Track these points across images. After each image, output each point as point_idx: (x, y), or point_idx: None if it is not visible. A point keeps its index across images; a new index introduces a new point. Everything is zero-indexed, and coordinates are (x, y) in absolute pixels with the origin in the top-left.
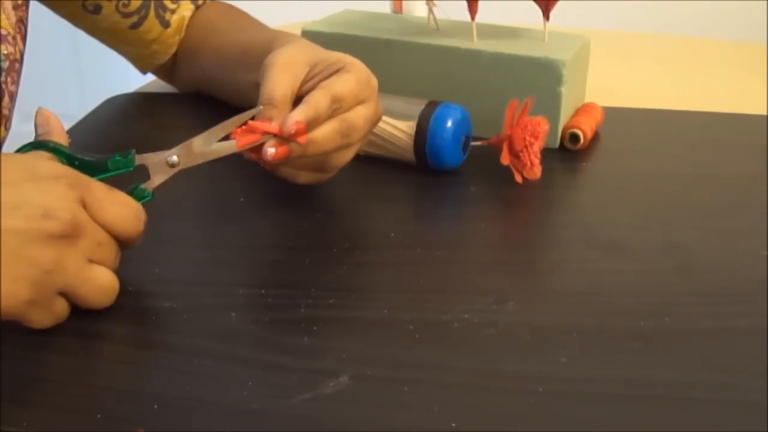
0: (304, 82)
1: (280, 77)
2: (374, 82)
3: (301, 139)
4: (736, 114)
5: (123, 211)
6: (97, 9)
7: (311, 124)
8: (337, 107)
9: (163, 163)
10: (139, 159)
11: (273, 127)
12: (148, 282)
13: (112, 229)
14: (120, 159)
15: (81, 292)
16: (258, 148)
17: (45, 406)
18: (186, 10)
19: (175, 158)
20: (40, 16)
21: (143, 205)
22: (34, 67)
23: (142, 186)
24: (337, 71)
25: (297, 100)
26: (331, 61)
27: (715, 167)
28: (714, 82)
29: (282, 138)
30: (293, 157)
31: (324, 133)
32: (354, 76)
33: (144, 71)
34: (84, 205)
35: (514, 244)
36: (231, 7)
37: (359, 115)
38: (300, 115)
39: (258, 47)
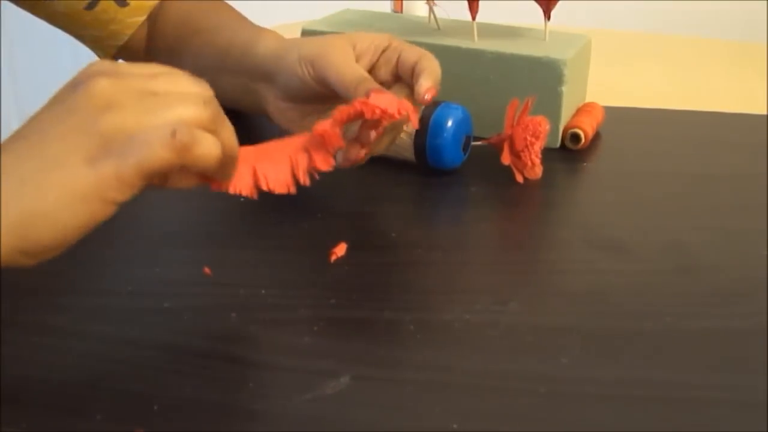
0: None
1: (349, 59)
2: None
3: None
4: (736, 114)
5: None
6: None
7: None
8: None
9: None
10: None
11: (404, 104)
12: (148, 282)
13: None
14: None
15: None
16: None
17: (45, 406)
18: None
19: None
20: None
21: None
22: (35, 68)
23: None
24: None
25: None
26: (378, 41)
27: (715, 167)
28: (714, 82)
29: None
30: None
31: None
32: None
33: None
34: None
35: (514, 244)
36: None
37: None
38: (428, 81)
39: (237, 48)
